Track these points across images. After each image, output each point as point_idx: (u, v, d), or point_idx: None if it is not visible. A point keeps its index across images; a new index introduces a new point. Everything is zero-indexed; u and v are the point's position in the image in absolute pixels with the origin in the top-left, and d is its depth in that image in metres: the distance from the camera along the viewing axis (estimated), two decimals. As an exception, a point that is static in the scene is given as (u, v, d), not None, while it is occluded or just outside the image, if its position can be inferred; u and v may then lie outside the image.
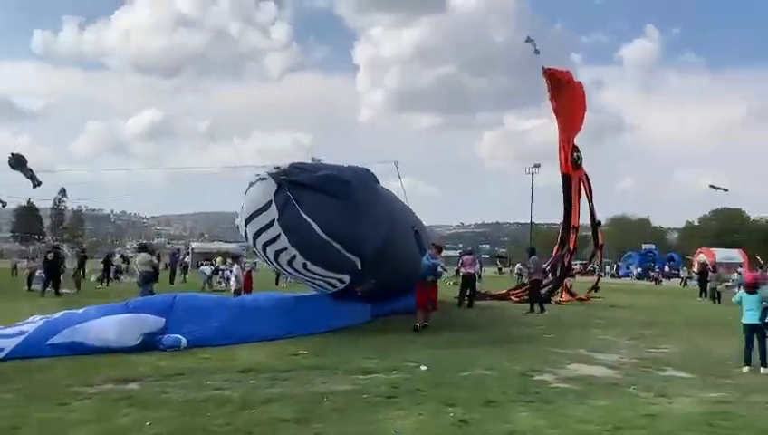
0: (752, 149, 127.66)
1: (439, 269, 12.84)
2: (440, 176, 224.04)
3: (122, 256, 30.93)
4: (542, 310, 16.87)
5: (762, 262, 26.08)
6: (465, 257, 20.68)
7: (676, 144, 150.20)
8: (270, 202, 10.28)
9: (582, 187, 22.39)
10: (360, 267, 11.30)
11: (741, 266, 39.61)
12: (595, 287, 23.15)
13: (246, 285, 17.56)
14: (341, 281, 11.67)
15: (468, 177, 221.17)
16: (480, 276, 26.43)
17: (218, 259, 33.24)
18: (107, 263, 26.99)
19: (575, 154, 22.08)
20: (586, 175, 22.65)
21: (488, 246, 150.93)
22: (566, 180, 22.11)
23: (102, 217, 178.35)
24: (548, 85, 21.11)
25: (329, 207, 10.57)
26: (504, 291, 22.78)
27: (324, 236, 10.49)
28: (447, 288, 21.89)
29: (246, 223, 10.63)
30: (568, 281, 22.41)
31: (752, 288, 8.77)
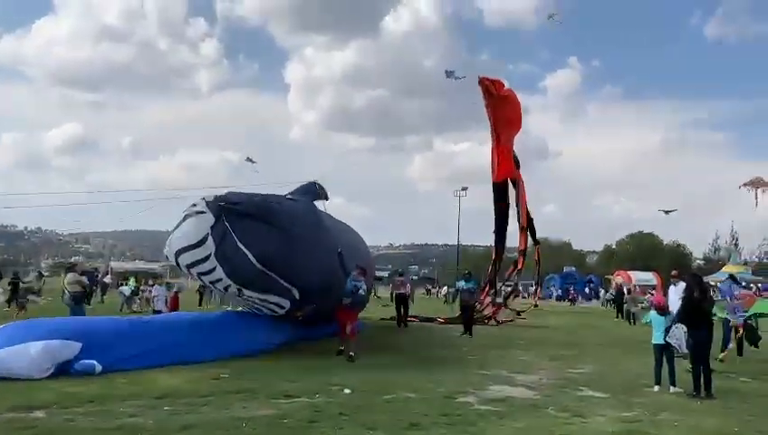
0: (665, 176, 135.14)
1: (361, 292, 11.96)
2: (371, 197, 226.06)
3: (39, 273, 29.34)
4: (470, 334, 16.89)
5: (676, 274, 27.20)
6: (397, 279, 20.97)
7: (596, 171, 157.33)
8: (206, 236, 10.27)
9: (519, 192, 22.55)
10: (298, 297, 11.37)
11: (653, 289, 41.37)
12: (533, 305, 24.04)
13: (173, 307, 17.11)
14: (280, 306, 11.59)
15: (399, 198, 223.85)
16: (413, 299, 26.60)
17: (131, 280, 32.00)
18: (15, 283, 25.53)
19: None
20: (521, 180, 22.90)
21: (417, 267, 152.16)
22: (498, 190, 22.26)
23: (15, 234, 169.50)
24: (483, 94, 21.25)
25: (266, 237, 10.64)
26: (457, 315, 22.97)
27: (260, 267, 10.53)
28: (379, 310, 21.90)
29: (178, 255, 10.52)
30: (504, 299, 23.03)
31: (661, 310, 9.16)
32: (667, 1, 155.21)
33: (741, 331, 12.54)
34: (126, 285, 28.39)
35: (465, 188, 61.52)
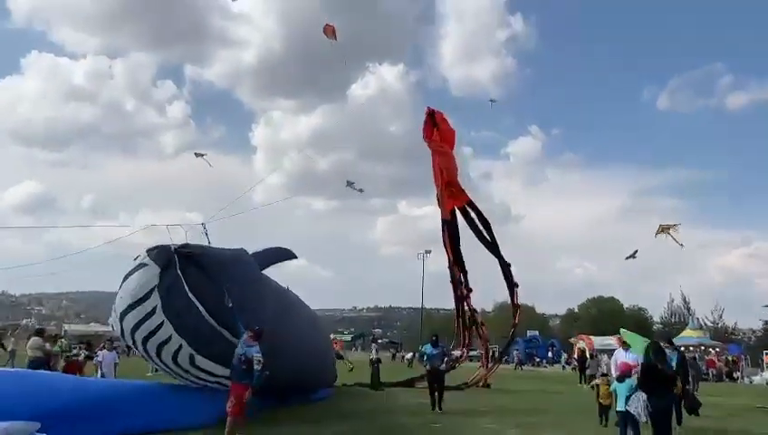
0: (624, 242, 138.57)
1: (256, 366, 9.19)
2: (335, 259, 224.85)
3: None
4: (440, 407, 15.06)
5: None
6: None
7: (558, 235, 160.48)
8: (152, 290, 9.53)
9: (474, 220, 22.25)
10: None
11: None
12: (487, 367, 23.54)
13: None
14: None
15: (363, 261, 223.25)
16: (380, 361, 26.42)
17: (62, 341, 30.59)
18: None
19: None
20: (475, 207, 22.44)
21: (381, 330, 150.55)
22: (449, 226, 22.03)
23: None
24: (428, 124, 21.02)
25: (216, 292, 9.99)
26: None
27: (211, 321, 9.89)
28: (345, 374, 21.75)
29: (122, 318, 9.63)
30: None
31: (623, 377, 9.24)
32: (621, 75, 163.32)
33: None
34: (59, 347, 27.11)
35: (428, 251, 61.84)
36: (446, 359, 15.57)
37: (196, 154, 21.41)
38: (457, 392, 20.16)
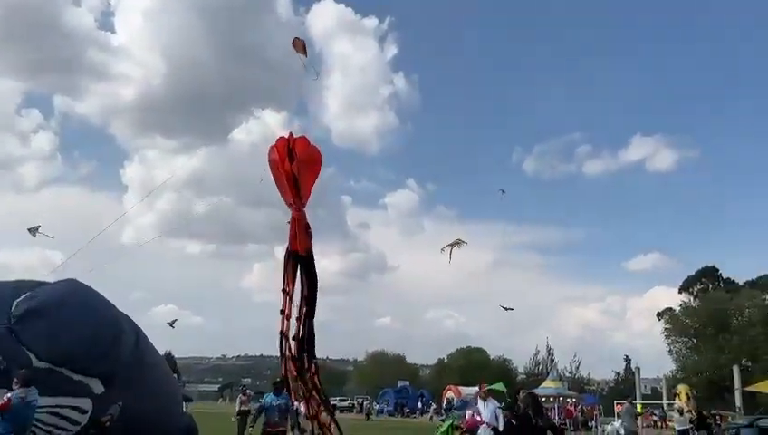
0: (493, 294, 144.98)
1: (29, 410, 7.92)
2: (205, 305, 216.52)
3: None
4: None
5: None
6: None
7: (430, 286, 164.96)
8: None
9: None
10: (100, 391, 9.17)
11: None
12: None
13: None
14: (81, 410, 9.01)
15: (234, 307, 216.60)
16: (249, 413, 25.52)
17: None
18: None
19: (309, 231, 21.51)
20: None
21: (250, 380, 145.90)
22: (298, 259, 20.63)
23: None
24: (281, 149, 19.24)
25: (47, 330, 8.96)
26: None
27: (44, 365, 8.74)
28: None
29: None
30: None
31: (469, 431, 9.11)
32: (493, 137, 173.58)
33: None
34: None
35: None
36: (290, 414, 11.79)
37: (29, 230, 17.92)
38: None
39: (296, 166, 20.27)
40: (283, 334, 20.93)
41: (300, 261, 21.36)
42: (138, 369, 10.11)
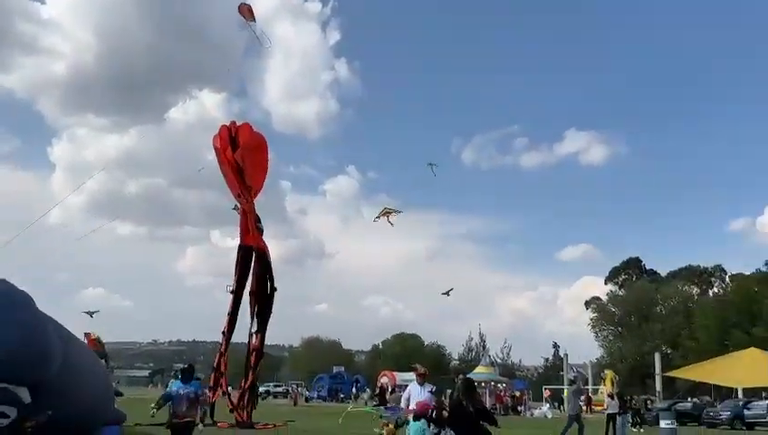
0: (429, 281, 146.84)
1: None
2: (136, 289, 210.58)
3: None
4: None
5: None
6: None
7: (368, 273, 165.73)
8: None
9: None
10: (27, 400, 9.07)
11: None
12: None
13: None
14: (3, 415, 9.00)
15: (167, 291, 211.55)
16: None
17: None
18: None
19: (259, 224, 20.17)
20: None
21: (183, 365, 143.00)
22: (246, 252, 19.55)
23: None
24: (226, 138, 18.43)
25: None
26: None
27: None
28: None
29: None
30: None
31: (418, 416, 8.84)
32: (434, 127, 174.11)
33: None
34: None
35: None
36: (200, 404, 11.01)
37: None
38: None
39: (240, 154, 19.49)
40: (224, 334, 20.03)
41: (257, 257, 20.37)
42: (67, 374, 9.62)
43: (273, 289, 21.30)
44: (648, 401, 35.71)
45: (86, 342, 17.75)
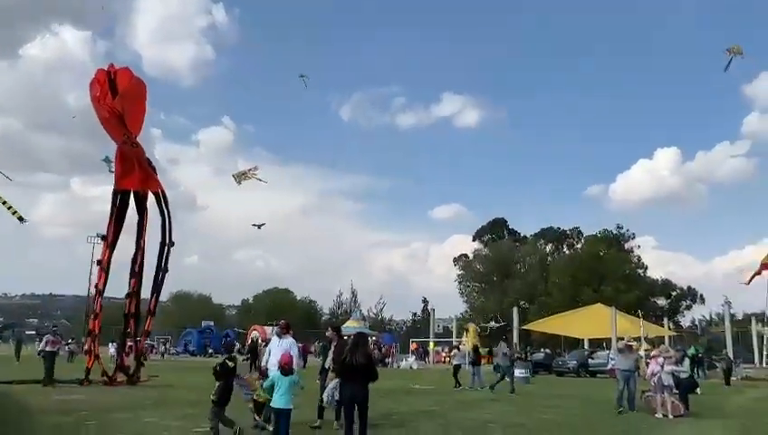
0: (304, 237, 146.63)
1: None
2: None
3: None
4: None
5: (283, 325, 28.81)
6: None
7: (241, 227, 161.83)
8: None
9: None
10: None
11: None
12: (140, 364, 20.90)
13: None
14: None
15: (19, 242, 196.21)
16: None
17: None
18: None
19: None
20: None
21: (37, 320, 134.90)
22: (122, 198, 19.62)
23: None
24: (105, 84, 18.32)
25: None
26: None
27: None
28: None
29: None
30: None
31: (286, 370, 8.68)
32: (313, 81, 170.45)
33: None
34: None
35: (102, 236, 57.14)
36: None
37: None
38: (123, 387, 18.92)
39: (120, 102, 18.48)
40: (97, 289, 19.34)
41: (136, 201, 19.43)
42: None
43: (171, 243, 20.57)
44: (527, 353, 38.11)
45: None
